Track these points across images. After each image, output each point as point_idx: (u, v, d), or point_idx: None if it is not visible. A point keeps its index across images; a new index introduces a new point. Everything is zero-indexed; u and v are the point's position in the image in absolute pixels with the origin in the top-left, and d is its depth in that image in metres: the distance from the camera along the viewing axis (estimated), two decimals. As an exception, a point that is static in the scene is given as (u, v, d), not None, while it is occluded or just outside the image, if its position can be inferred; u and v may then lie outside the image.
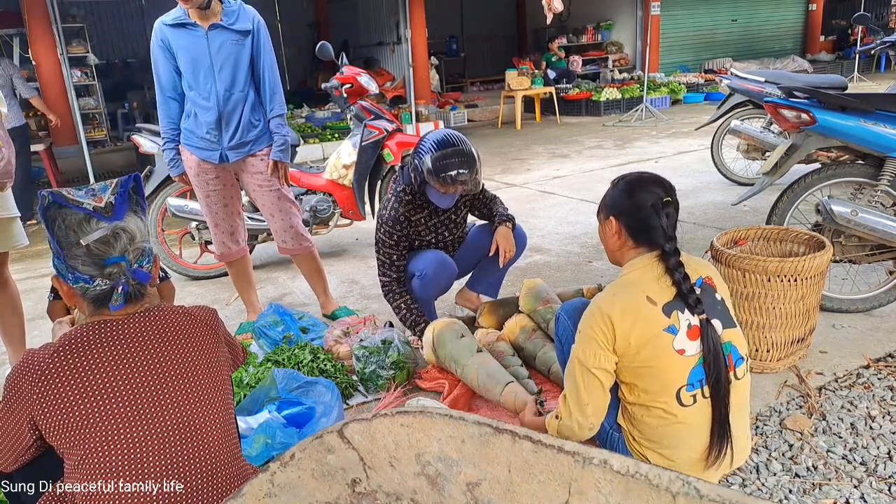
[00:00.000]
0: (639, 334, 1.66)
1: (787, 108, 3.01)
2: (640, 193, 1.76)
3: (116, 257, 1.31)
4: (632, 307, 1.68)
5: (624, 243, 1.81)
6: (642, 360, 1.67)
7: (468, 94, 13.88)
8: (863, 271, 3.26)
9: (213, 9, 2.82)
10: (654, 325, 1.66)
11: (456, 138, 2.71)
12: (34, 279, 4.57)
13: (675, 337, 1.66)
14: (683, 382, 1.67)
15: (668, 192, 1.77)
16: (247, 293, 3.43)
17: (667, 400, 1.67)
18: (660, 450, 1.73)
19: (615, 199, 1.83)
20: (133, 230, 1.34)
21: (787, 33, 16.11)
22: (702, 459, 1.72)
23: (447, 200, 2.78)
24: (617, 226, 1.80)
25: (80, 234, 1.29)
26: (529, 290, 2.89)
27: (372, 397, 2.61)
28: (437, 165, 2.63)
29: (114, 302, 1.32)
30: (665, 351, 1.66)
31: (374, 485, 0.95)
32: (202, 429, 1.36)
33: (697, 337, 1.68)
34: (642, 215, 1.74)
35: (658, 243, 1.74)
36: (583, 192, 5.97)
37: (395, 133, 4.48)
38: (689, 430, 1.69)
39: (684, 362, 1.67)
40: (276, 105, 3.01)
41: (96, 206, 1.31)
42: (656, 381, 1.68)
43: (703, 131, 6.50)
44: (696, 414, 1.69)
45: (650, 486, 0.78)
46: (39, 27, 7.83)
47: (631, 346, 1.67)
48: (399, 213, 2.81)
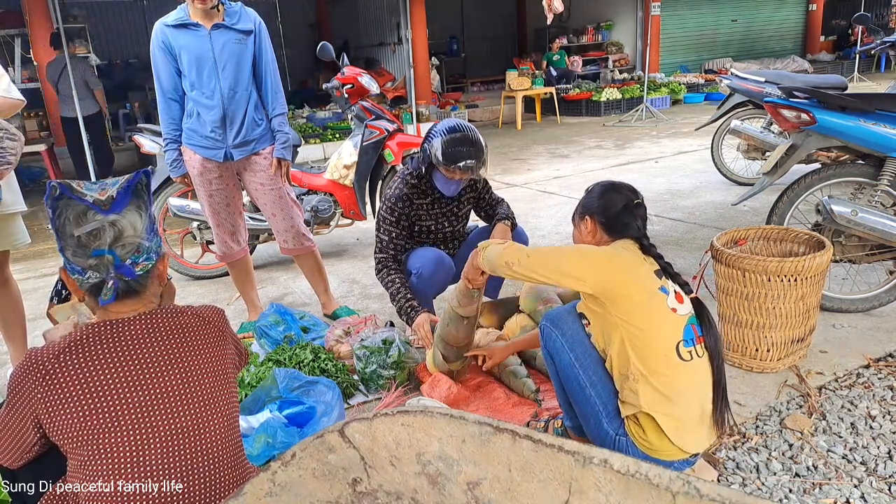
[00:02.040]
0: (637, 284, 1.80)
1: (787, 108, 3.01)
2: (612, 194, 1.95)
3: (100, 250, 1.30)
4: (629, 259, 1.84)
5: (600, 240, 1.95)
6: (640, 317, 1.77)
7: (469, 94, 13.89)
8: (863, 271, 3.26)
9: (216, 9, 2.84)
10: (651, 282, 1.81)
11: (466, 127, 2.75)
12: (36, 279, 4.57)
13: (667, 297, 1.81)
14: (680, 337, 1.79)
15: (636, 195, 1.97)
16: (248, 293, 3.44)
17: (668, 354, 1.77)
18: (668, 409, 1.74)
19: (589, 202, 2.00)
20: (124, 225, 1.33)
21: (788, 33, 16.11)
22: (701, 422, 1.79)
23: (452, 187, 2.81)
24: (592, 225, 1.96)
25: (76, 225, 1.30)
26: (530, 289, 2.90)
27: (373, 397, 2.61)
28: (446, 151, 2.67)
29: (104, 296, 1.31)
30: (661, 307, 1.80)
31: (375, 484, 0.95)
32: (206, 430, 1.35)
33: (682, 301, 1.84)
34: (616, 212, 1.92)
35: (633, 234, 1.90)
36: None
37: (395, 133, 4.48)
38: (688, 386, 1.78)
39: (678, 319, 1.81)
40: (278, 104, 3.03)
41: (97, 199, 1.31)
42: (657, 335, 1.77)
43: (703, 131, 6.50)
44: (694, 371, 1.80)
45: (650, 486, 0.78)
46: (41, 28, 7.84)
47: (625, 290, 1.78)
48: (403, 193, 2.84)
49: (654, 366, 1.75)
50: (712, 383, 1.83)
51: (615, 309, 1.78)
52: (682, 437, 1.75)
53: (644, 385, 1.75)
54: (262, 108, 3.04)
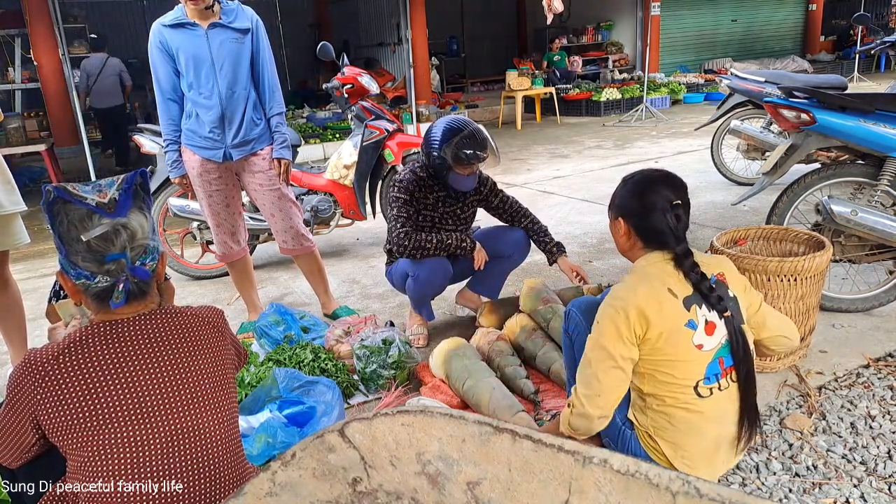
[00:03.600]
0: (661, 327, 1.67)
1: (787, 108, 3.01)
2: (649, 195, 1.75)
3: (116, 254, 1.29)
4: (655, 299, 1.68)
5: (634, 244, 1.82)
6: (663, 353, 1.68)
7: (469, 94, 13.89)
8: (863, 271, 3.26)
9: (212, 8, 2.83)
10: (676, 319, 1.67)
11: (464, 122, 2.80)
12: (35, 279, 4.57)
13: (694, 332, 1.68)
14: (701, 377, 1.69)
15: (677, 192, 1.76)
16: (248, 293, 3.43)
17: (685, 391, 1.69)
18: (674, 439, 1.72)
19: (623, 201, 1.83)
20: (134, 227, 1.32)
21: (788, 33, 16.11)
22: (717, 450, 1.74)
23: (469, 182, 2.85)
24: (626, 227, 1.80)
25: (81, 229, 1.28)
26: (531, 289, 2.90)
27: (373, 397, 2.61)
28: (457, 151, 2.72)
29: (115, 299, 1.30)
30: (685, 346, 1.67)
31: (375, 484, 0.95)
32: (206, 430, 1.35)
33: (713, 332, 1.70)
34: (651, 219, 1.74)
35: (669, 246, 1.74)
36: (583, 192, 5.98)
37: (395, 133, 4.49)
38: (705, 420, 1.71)
39: (702, 357, 1.69)
40: (276, 104, 3.02)
41: (100, 202, 1.30)
42: (675, 374, 1.69)
43: (703, 131, 6.50)
44: (713, 405, 1.70)
45: (650, 485, 0.78)
46: (41, 27, 7.84)
47: (651, 339, 1.67)
48: (414, 177, 2.88)
49: (670, 399, 1.70)
50: (738, 412, 1.74)
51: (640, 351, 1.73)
52: (684, 465, 1.71)
53: (652, 412, 1.74)
54: (261, 107, 3.03)
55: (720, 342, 1.71)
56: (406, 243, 2.77)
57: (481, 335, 2.81)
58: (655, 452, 1.77)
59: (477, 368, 2.46)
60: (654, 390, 1.72)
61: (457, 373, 2.47)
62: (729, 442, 1.75)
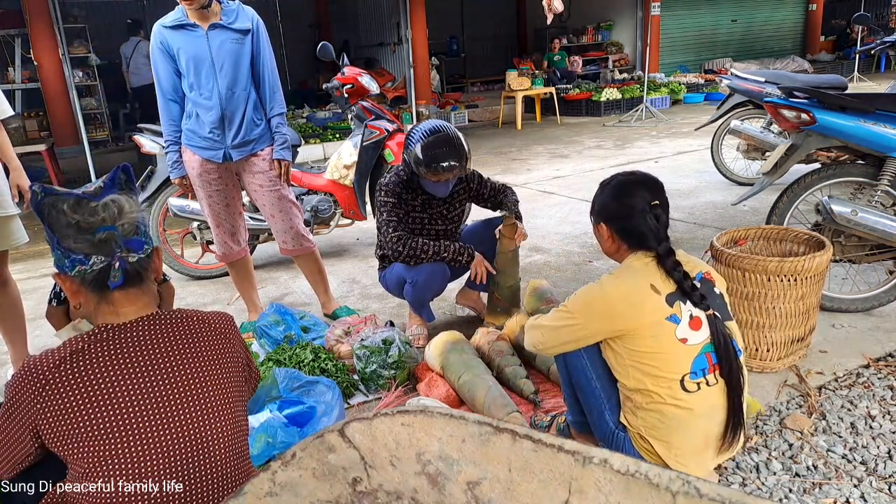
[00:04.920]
0: (640, 320, 1.70)
1: (787, 108, 3.01)
2: (627, 198, 1.81)
3: (106, 226, 1.29)
4: (637, 294, 1.72)
5: (619, 247, 1.86)
6: (646, 346, 1.70)
7: (469, 94, 13.89)
8: (863, 271, 3.26)
9: (212, 9, 2.83)
10: (657, 313, 1.70)
11: (443, 127, 2.76)
12: (35, 279, 4.57)
13: (677, 326, 1.70)
14: (687, 370, 1.71)
15: (655, 193, 1.81)
16: (248, 293, 3.43)
17: (671, 386, 1.70)
18: (666, 437, 1.73)
19: (603, 205, 1.88)
20: (122, 201, 1.32)
21: (788, 33, 16.11)
22: (706, 447, 1.75)
23: (441, 188, 2.81)
24: (608, 231, 1.86)
25: (71, 213, 1.28)
26: (534, 289, 2.90)
27: (373, 396, 2.61)
28: (425, 156, 2.68)
29: (112, 279, 1.28)
30: (668, 339, 1.70)
31: (375, 484, 0.95)
32: (209, 440, 1.33)
33: (699, 328, 1.72)
34: (631, 221, 1.79)
35: (651, 247, 1.78)
36: (583, 192, 5.97)
37: (395, 133, 4.48)
38: (693, 416, 1.72)
39: (687, 351, 1.71)
40: (276, 104, 3.02)
41: (85, 191, 1.31)
42: (660, 367, 1.70)
43: (702, 131, 6.50)
44: (701, 401, 1.72)
45: (650, 485, 0.78)
46: (41, 27, 7.84)
47: (630, 331, 1.70)
48: (399, 180, 2.86)
49: (657, 395, 1.72)
50: (726, 409, 1.75)
51: (622, 342, 1.75)
52: (677, 463, 1.73)
53: (643, 411, 1.75)
54: (262, 107, 3.03)
55: (705, 339, 1.73)
56: (400, 248, 2.77)
57: (481, 335, 2.81)
58: (648, 453, 1.77)
59: (474, 364, 2.47)
60: (638, 385, 1.73)
61: (454, 366, 2.48)
62: (716, 439, 1.77)
